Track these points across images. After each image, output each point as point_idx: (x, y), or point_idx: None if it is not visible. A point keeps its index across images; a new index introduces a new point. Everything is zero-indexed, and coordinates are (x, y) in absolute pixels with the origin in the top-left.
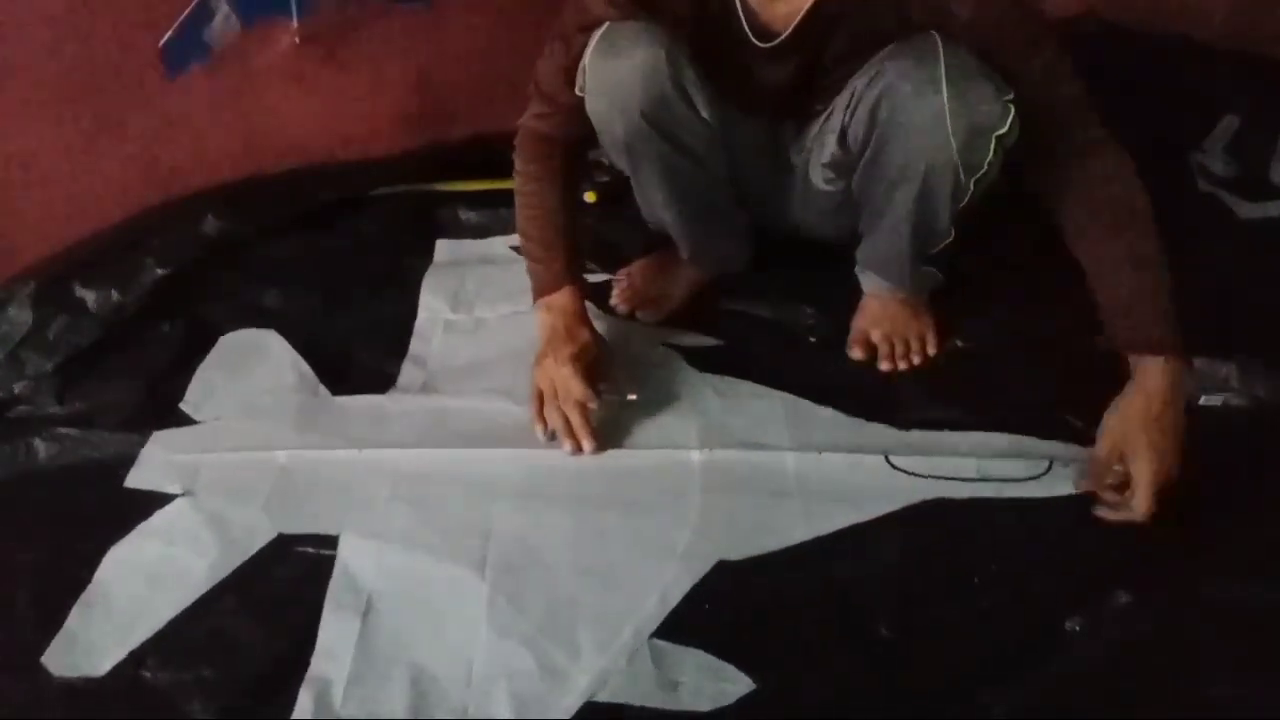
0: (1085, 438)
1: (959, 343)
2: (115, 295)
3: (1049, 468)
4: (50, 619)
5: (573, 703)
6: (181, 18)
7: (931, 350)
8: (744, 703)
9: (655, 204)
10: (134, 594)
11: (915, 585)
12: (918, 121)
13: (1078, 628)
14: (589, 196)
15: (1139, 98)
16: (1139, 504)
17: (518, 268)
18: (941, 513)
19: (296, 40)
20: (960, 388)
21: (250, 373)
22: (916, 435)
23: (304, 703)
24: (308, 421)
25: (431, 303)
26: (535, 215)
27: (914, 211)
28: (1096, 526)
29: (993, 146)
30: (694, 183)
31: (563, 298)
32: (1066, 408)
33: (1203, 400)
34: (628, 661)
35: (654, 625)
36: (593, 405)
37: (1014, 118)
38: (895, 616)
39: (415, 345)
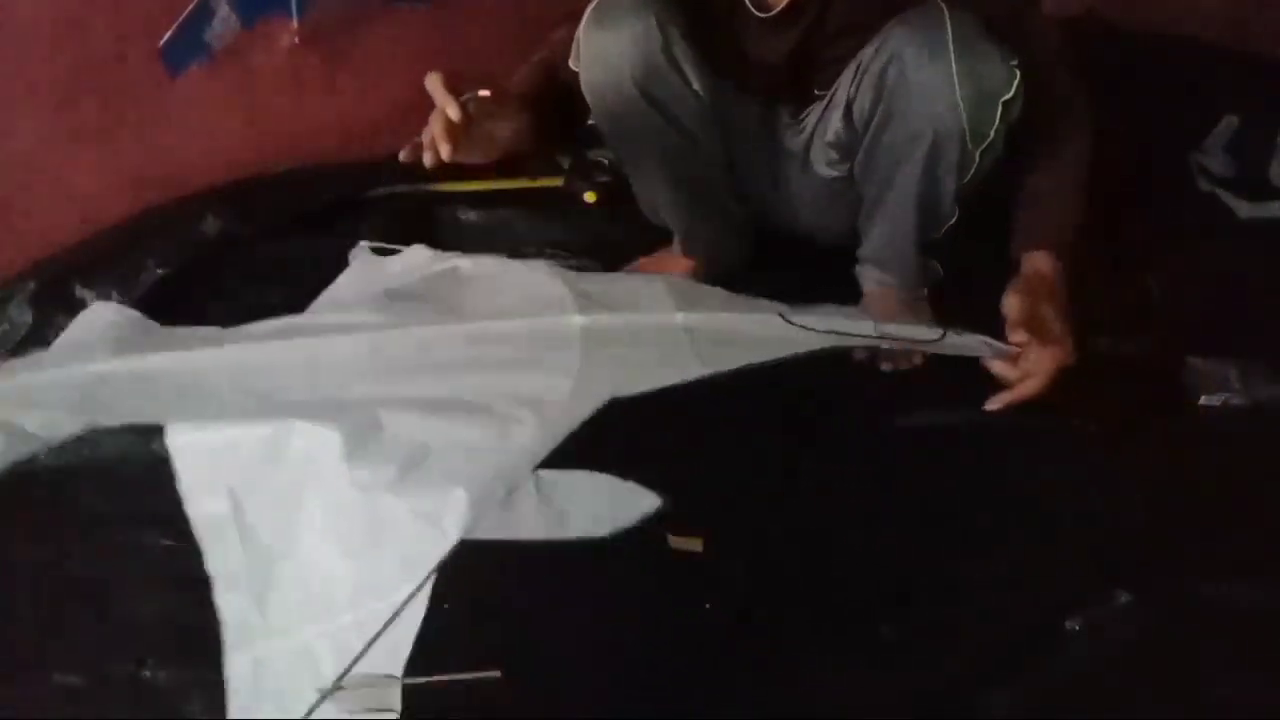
0: (1089, 438)
1: None
2: (115, 295)
3: (944, 335)
4: (50, 620)
5: (444, 549)
6: (181, 18)
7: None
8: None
9: (647, 185)
10: None
11: (915, 585)
12: (926, 87)
13: (1078, 628)
14: (589, 197)
15: (1139, 98)
16: (1036, 384)
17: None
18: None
19: (296, 40)
20: (961, 387)
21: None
22: (803, 306)
23: (236, 665)
24: (128, 343)
25: None
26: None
27: (920, 184)
28: (989, 414)
29: (999, 113)
30: (687, 160)
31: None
32: (1066, 408)
33: (1203, 400)
34: (507, 496)
35: (537, 460)
36: (452, 114)
37: (1019, 83)
38: (895, 616)
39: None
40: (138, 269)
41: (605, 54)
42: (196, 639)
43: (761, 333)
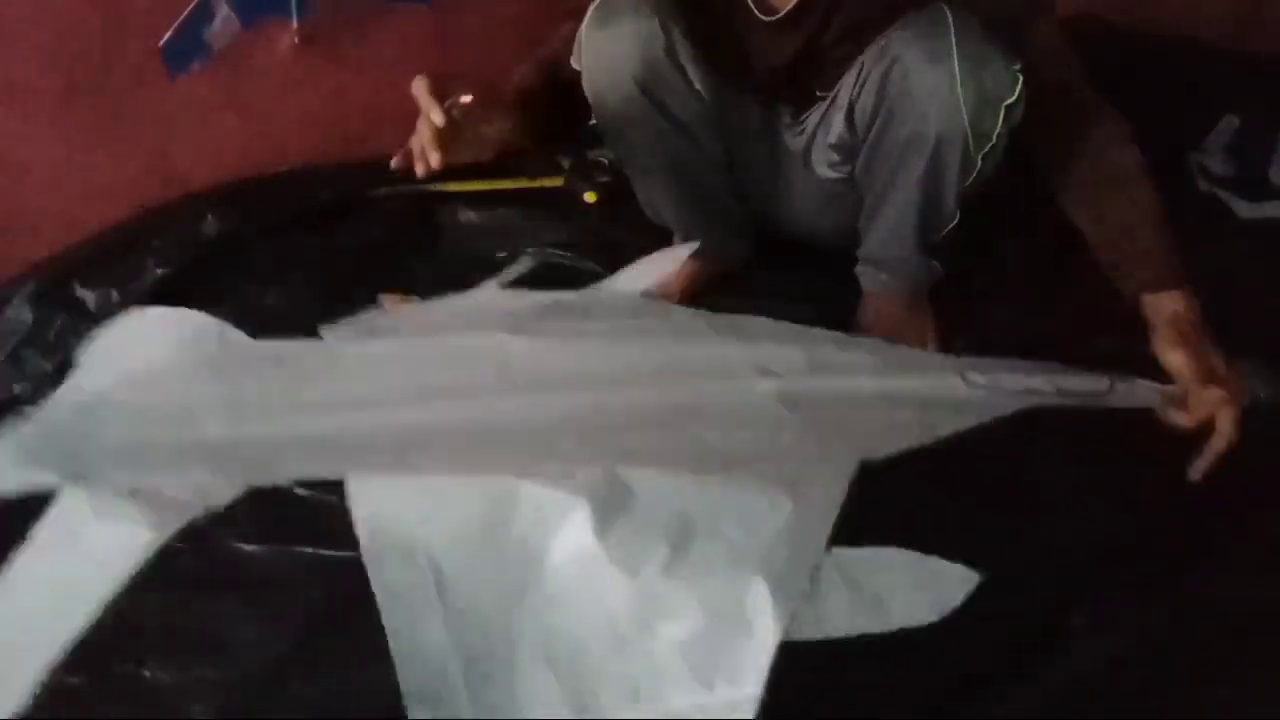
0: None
1: (959, 342)
2: (115, 295)
3: (1111, 386)
4: None
5: (765, 656)
6: (181, 18)
7: (932, 350)
8: None
9: (648, 185)
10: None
11: None
12: (929, 89)
13: (1078, 628)
14: (589, 197)
15: (1139, 98)
16: (1230, 435)
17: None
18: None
19: (296, 40)
20: None
21: (127, 351)
22: (970, 359)
23: None
24: (232, 380)
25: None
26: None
27: (922, 186)
28: (1202, 482)
29: (1001, 116)
30: (687, 160)
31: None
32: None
33: None
34: (811, 581)
35: (825, 534)
36: (437, 120)
37: (1021, 87)
38: None
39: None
40: (138, 269)
41: (607, 53)
42: (196, 639)
43: (956, 395)
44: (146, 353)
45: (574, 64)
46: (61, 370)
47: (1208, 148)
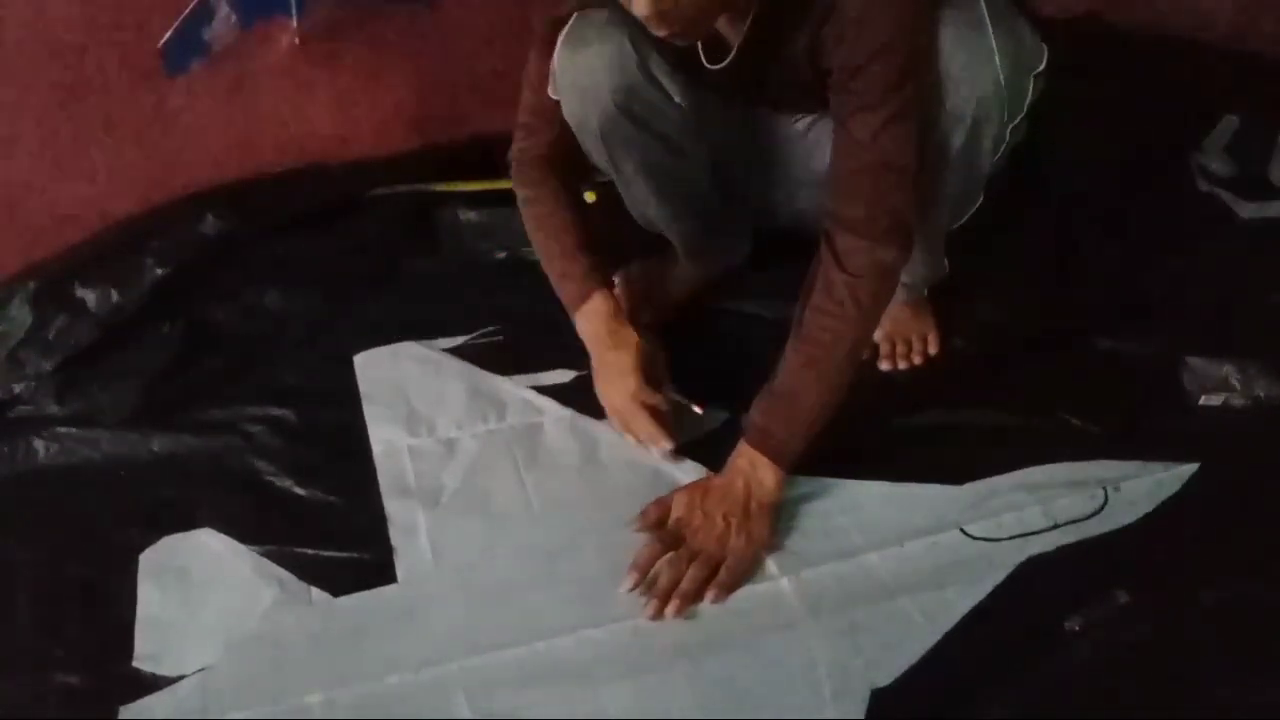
0: (1089, 439)
1: (959, 342)
2: (115, 295)
3: (1105, 499)
4: (50, 619)
5: None
6: (181, 18)
7: (933, 350)
8: None
9: (640, 200)
10: None
11: None
12: (967, 64)
13: (1078, 628)
14: (589, 196)
15: (1139, 98)
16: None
17: (456, 373)
18: None
19: (296, 40)
20: (960, 388)
21: (210, 597)
22: (969, 490)
23: None
24: (322, 646)
25: (383, 432)
26: (548, 234)
27: (957, 169)
28: None
29: (1031, 86)
30: (675, 173)
31: (596, 302)
32: (1066, 408)
33: (1203, 400)
34: None
35: None
36: (659, 404)
37: (1047, 55)
38: None
39: (386, 487)
40: (138, 269)
41: (583, 78)
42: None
43: (955, 561)
44: (223, 609)
45: (551, 93)
46: (61, 370)
47: (1208, 148)
